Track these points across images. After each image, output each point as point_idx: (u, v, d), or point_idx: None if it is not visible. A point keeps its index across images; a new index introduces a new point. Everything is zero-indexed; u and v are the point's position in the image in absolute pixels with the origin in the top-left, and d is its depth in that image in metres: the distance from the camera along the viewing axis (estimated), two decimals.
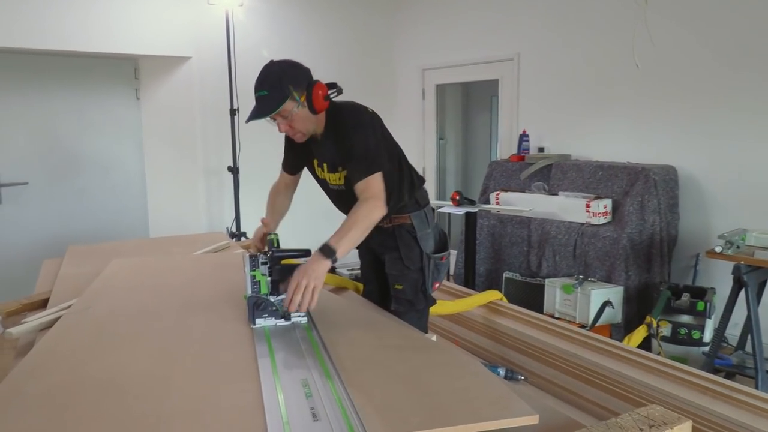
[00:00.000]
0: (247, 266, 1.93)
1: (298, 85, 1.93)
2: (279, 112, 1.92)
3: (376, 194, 1.90)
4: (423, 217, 2.22)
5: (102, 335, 1.79)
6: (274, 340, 1.70)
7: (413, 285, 2.19)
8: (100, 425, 1.22)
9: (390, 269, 2.21)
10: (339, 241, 1.78)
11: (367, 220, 1.84)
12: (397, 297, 2.20)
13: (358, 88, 6.04)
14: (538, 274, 4.41)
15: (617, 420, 1.35)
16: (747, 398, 1.76)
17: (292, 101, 1.92)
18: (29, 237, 4.75)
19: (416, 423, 1.21)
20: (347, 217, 1.86)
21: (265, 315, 1.80)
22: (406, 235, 2.19)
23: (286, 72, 1.96)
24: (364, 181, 1.91)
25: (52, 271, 2.80)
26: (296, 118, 1.96)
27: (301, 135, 2.04)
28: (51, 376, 1.48)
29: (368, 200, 1.88)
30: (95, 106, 4.99)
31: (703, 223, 4.14)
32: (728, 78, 3.93)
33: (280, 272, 1.87)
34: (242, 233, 4.98)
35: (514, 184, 4.91)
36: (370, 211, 1.85)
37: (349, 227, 1.82)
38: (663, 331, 3.55)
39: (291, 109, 1.93)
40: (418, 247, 2.18)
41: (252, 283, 1.89)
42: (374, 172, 1.92)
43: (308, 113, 1.97)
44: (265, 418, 1.22)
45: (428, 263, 2.20)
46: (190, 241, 3.37)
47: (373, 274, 2.40)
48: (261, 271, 1.92)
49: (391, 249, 2.21)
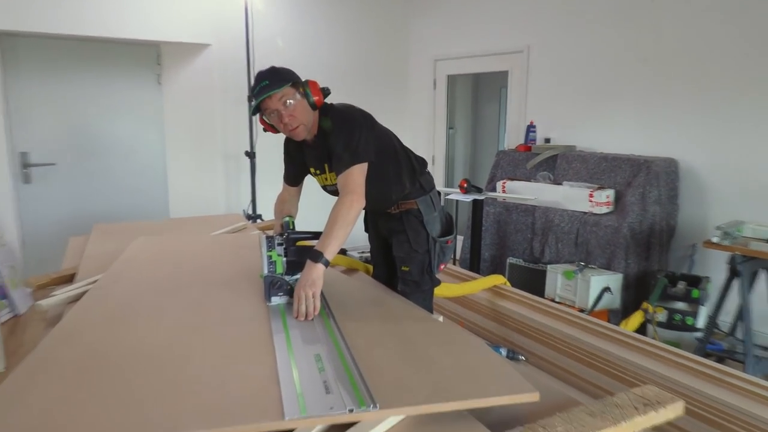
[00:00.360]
0: (263, 247, 1.96)
1: (295, 77, 1.98)
2: (282, 97, 1.93)
3: (353, 188, 1.89)
4: (429, 202, 2.23)
5: (127, 308, 1.83)
6: (289, 317, 1.74)
7: (419, 267, 2.21)
8: (127, 390, 1.25)
9: (397, 252, 2.24)
10: (324, 243, 1.82)
11: (347, 217, 1.84)
12: (403, 278, 2.23)
13: (372, 78, 6.09)
14: (540, 260, 4.42)
15: (613, 398, 1.37)
16: (736, 381, 1.77)
17: (293, 89, 1.95)
18: (57, 215, 4.80)
19: (423, 397, 1.23)
20: (329, 217, 1.86)
21: (280, 293, 1.86)
22: (413, 220, 2.21)
23: (283, 67, 2.00)
24: (345, 173, 1.92)
25: (79, 248, 2.84)
26: (298, 108, 1.96)
27: (302, 128, 2.01)
28: (80, 345, 1.52)
29: (345, 196, 1.88)
30: (119, 90, 5.01)
31: (701, 214, 4.13)
32: (732, 73, 3.89)
33: (295, 253, 1.94)
34: (258, 215, 5.01)
35: (520, 173, 4.90)
36: (349, 208, 1.85)
37: (331, 228, 1.83)
38: (658, 317, 3.57)
39: (293, 95, 1.94)
40: (425, 231, 2.21)
41: (268, 263, 1.92)
42: (355, 164, 1.92)
43: (307, 106, 1.98)
44: (280, 390, 1.25)
45: (434, 246, 2.22)
46: (208, 222, 3.40)
47: (381, 256, 2.43)
48: (277, 252, 1.95)
49: (399, 232, 2.23)
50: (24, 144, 4.61)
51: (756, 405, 1.67)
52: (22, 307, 2.52)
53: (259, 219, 4.90)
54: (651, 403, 1.37)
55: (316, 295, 1.75)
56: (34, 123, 4.66)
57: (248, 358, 1.42)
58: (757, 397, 1.70)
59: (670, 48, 4.14)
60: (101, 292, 2.00)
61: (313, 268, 1.79)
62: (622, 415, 1.30)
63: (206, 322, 1.69)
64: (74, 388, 1.26)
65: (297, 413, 1.15)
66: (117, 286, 2.07)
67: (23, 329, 2.25)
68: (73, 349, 1.48)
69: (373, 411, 1.17)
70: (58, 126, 4.78)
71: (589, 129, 4.80)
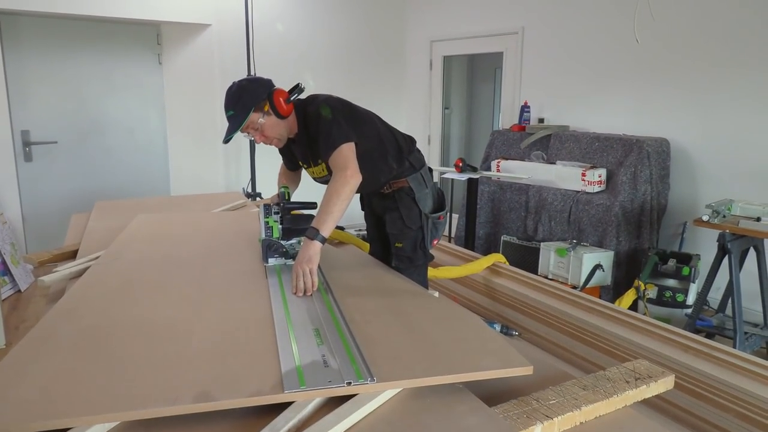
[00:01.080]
0: (261, 214, 2.06)
1: (258, 97, 1.95)
2: (248, 126, 1.96)
3: (343, 164, 1.89)
4: (420, 179, 2.22)
5: (129, 283, 1.82)
6: (284, 275, 1.87)
7: (413, 243, 2.22)
8: (128, 364, 1.24)
9: (391, 229, 2.24)
10: (320, 220, 1.82)
11: (342, 193, 1.83)
12: (397, 254, 2.24)
13: (369, 59, 6.03)
14: (534, 238, 4.42)
15: (605, 372, 1.37)
16: (725, 356, 1.78)
17: (257, 113, 1.95)
18: (58, 192, 4.77)
19: (420, 371, 1.23)
20: (324, 195, 1.86)
21: (276, 255, 2.00)
22: (406, 197, 2.20)
23: (245, 88, 1.97)
24: (333, 155, 1.91)
25: (81, 225, 2.82)
26: (266, 127, 1.98)
27: (277, 141, 2.06)
28: (83, 319, 1.51)
29: (337, 173, 1.88)
30: (120, 69, 4.95)
31: (692, 193, 4.12)
32: (723, 54, 3.85)
33: (290, 220, 2.06)
34: (257, 194, 4.99)
35: (514, 152, 4.88)
36: (343, 184, 1.84)
37: (326, 204, 1.83)
38: (649, 294, 3.57)
39: (257, 120, 1.96)
40: (417, 208, 2.20)
41: (266, 228, 2.03)
42: (339, 145, 1.91)
43: (276, 120, 1.99)
44: (279, 363, 1.24)
45: (427, 222, 2.22)
46: (208, 200, 3.38)
47: (377, 233, 2.43)
48: (273, 218, 2.05)
49: (392, 210, 2.23)
50: (25, 122, 4.56)
51: (744, 379, 1.68)
52: (24, 284, 2.51)
53: (258, 197, 4.87)
54: (642, 377, 1.37)
55: (313, 271, 1.75)
56: (36, 101, 4.61)
57: (248, 333, 1.42)
58: (745, 371, 1.70)
59: (663, 29, 4.09)
60: (103, 268, 1.99)
61: (309, 245, 1.80)
62: (613, 389, 1.30)
63: (206, 298, 1.68)
64: (76, 362, 1.25)
65: (296, 386, 1.14)
66: (119, 262, 2.05)
67: (25, 305, 2.25)
68: (76, 324, 1.47)
69: (370, 384, 1.17)
70: (60, 104, 4.72)
71: (582, 109, 4.77)
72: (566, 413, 1.19)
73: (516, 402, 1.23)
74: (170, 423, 1.09)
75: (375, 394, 1.17)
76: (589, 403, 1.23)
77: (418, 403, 1.18)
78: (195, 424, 1.10)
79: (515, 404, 1.22)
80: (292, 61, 5.47)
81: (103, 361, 1.26)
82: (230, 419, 1.12)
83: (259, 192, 5.02)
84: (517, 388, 1.31)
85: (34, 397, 1.11)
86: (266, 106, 1.96)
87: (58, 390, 1.13)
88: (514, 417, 1.17)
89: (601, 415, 1.25)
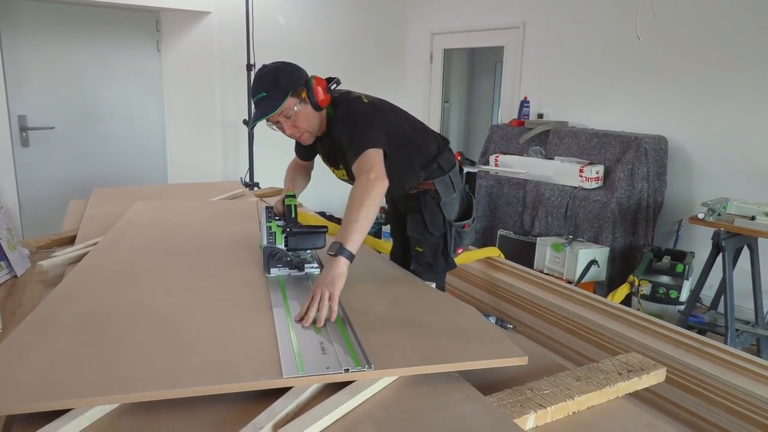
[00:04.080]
0: (263, 217, 1.87)
1: (297, 81, 1.78)
2: (282, 112, 1.77)
3: (368, 167, 1.68)
4: (448, 183, 2.07)
5: (127, 270, 1.83)
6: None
7: (434, 249, 2.09)
8: (127, 349, 1.26)
9: (411, 232, 2.11)
10: (344, 233, 1.58)
11: (366, 198, 1.61)
12: (417, 258, 2.11)
13: (370, 51, 6.02)
14: (530, 232, 4.44)
15: (599, 364, 1.40)
16: (717, 352, 1.80)
17: (294, 98, 1.77)
18: (56, 178, 4.76)
19: (416, 360, 1.25)
20: (347, 203, 1.65)
21: (279, 265, 1.78)
22: (430, 201, 2.06)
23: (282, 70, 1.79)
24: (358, 160, 1.73)
25: (78, 211, 2.82)
26: (300, 117, 1.81)
27: (308, 135, 1.88)
28: (82, 304, 1.52)
29: (360, 176, 1.67)
30: (118, 56, 4.93)
31: (688, 191, 4.15)
32: (723, 54, 3.87)
33: (297, 241, 1.84)
34: (255, 183, 4.99)
35: (512, 147, 4.90)
36: (366, 188, 1.63)
37: (349, 213, 1.61)
38: (643, 290, 3.61)
39: (293, 106, 1.78)
40: (441, 214, 2.06)
41: (268, 233, 1.84)
42: (365, 150, 1.73)
43: (311, 110, 1.82)
44: (278, 350, 1.26)
45: (450, 230, 2.07)
46: (206, 188, 3.39)
47: (397, 233, 2.31)
48: (277, 223, 1.85)
49: (414, 212, 2.09)
50: (22, 107, 4.55)
51: (734, 375, 1.71)
52: (20, 269, 2.52)
53: (256, 187, 4.88)
54: (634, 369, 1.40)
55: (334, 297, 1.46)
56: (33, 87, 4.59)
57: (247, 320, 1.43)
58: (735, 367, 1.73)
59: (664, 27, 4.10)
60: (102, 254, 2.00)
61: (333, 263, 1.52)
62: (606, 380, 1.32)
63: (205, 285, 1.69)
64: (75, 347, 1.27)
65: (295, 372, 1.16)
66: (117, 248, 2.06)
67: (21, 290, 2.26)
68: (74, 309, 1.48)
69: (367, 371, 1.19)
70: (57, 90, 4.70)
71: (581, 105, 4.79)
72: (559, 403, 1.21)
73: (510, 391, 1.26)
74: (170, 406, 1.11)
75: (372, 381, 1.19)
76: (582, 393, 1.26)
77: (414, 391, 1.20)
78: (194, 407, 1.12)
79: (510, 393, 1.24)
80: (292, 51, 5.45)
81: (102, 345, 1.28)
82: (229, 403, 1.13)
83: (257, 182, 5.02)
84: (511, 379, 1.34)
85: (34, 379, 1.12)
86: (303, 92, 1.78)
87: (58, 372, 1.15)
88: (509, 406, 1.19)
89: (594, 406, 1.27)
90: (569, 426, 1.20)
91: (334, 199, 3.20)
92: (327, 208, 5.22)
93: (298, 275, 1.79)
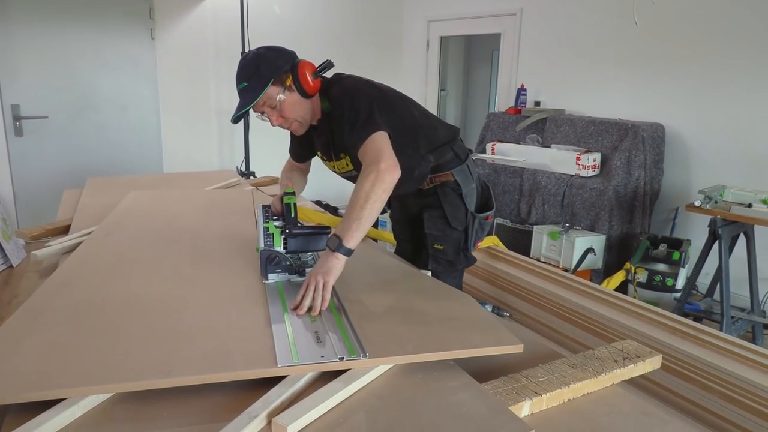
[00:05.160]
0: (260, 218, 1.69)
1: (280, 68, 1.66)
2: (264, 102, 1.66)
3: (375, 157, 1.54)
4: (466, 172, 1.93)
5: (122, 259, 1.82)
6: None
7: (455, 245, 1.95)
8: (122, 338, 1.25)
9: (430, 229, 1.94)
10: (344, 227, 1.48)
11: (373, 193, 1.48)
12: (436, 257, 1.97)
13: (366, 38, 5.98)
14: (527, 221, 4.44)
15: (594, 352, 1.40)
16: (712, 339, 1.81)
17: (277, 86, 1.65)
18: (50, 168, 4.73)
19: (412, 348, 1.25)
20: (351, 195, 1.52)
21: (278, 270, 1.63)
22: (451, 194, 1.91)
23: (264, 57, 1.68)
24: (362, 147, 1.60)
25: (73, 201, 2.81)
26: (286, 106, 1.68)
27: (297, 125, 1.76)
28: (76, 293, 1.52)
29: (367, 167, 1.53)
30: (111, 44, 4.88)
31: (685, 179, 4.15)
32: (720, 41, 3.86)
33: (297, 243, 1.67)
34: (251, 172, 4.98)
35: (509, 135, 4.88)
36: (375, 180, 1.49)
37: (352, 208, 1.49)
38: (639, 278, 3.62)
39: (276, 95, 1.66)
40: (464, 206, 1.92)
41: (265, 235, 1.67)
42: (369, 134, 1.59)
43: (299, 98, 1.69)
44: (273, 339, 1.26)
45: (473, 222, 1.95)
46: (202, 178, 3.37)
47: (408, 234, 2.13)
48: (275, 224, 1.69)
49: (433, 208, 1.94)
50: (15, 96, 4.51)
51: (729, 361, 1.71)
52: (16, 259, 2.50)
53: (252, 176, 4.86)
54: (630, 356, 1.40)
55: (328, 286, 1.43)
56: (26, 75, 4.55)
57: (242, 309, 1.43)
58: (731, 354, 1.73)
59: (661, 15, 4.08)
60: (96, 243, 1.99)
61: (330, 256, 1.47)
62: (602, 367, 1.33)
63: (200, 274, 1.69)
64: (70, 335, 1.26)
65: (289, 361, 1.16)
66: (112, 237, 2.05)
67: (17, 280, 2.24)
68: (69, 298, 1.48)
69: (362, 360, 1.19)
70: (50, 78, 4.66)
71: (578, 93, 4.77)
72: (555, 390, 1.21)
73: (506, 379, 1.26)
74: (164, 395, 1.11)
75: (367, 370, 1.18)
76: (578, 380, 1.26)
77: (409, 379, 1.19)
78: (188, 396, 1.11)
79: (505, 381, 1.24)
80: (287, 38, 5.41)
81: (96, 335, 1.27)
82: (223, 392, 1.13)
83: (253, 171, 5.00)
84: (507, 366, 1.34)
85: (28, 368, 1.12)
86: (288, 79, 1.66)
87: (53, 362, 1.14)
88: (504, 393, 1.19)
89: (589, 393, 1.27)
90: (565, 413, 1.21)
91: (329, 188, 3.19)
92: (322, 197, 5.21)
93: (298, 281, 1.62)
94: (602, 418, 1.19)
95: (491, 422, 1.05)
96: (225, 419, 1.02)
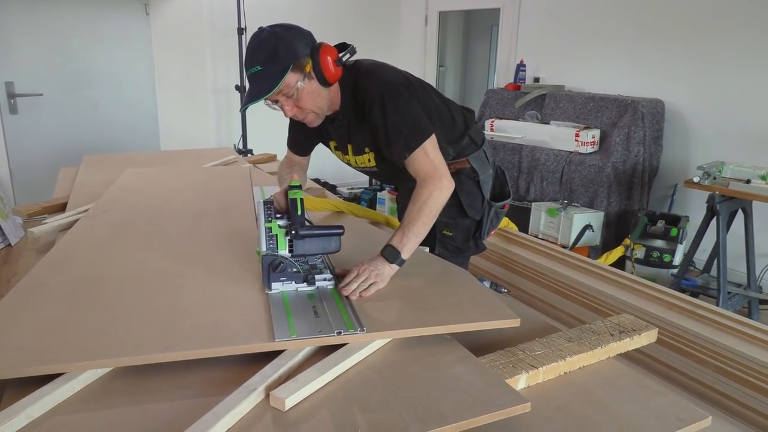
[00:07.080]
0: (261, 217, 1.43)
1: (300, 52, 1.45)
2: (281, 91, 1.46)
3: (432, 169, 1.49)
4: (483, 158, 1.85)
5: (119, 236, 1.82)
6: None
7: (465, 233, 1.89)
8: (119, 313, 1.26)
9: (441, 215, 1.72)
10: (404, 241, 1.44)
11: (435, 209, 1.48)
12: (444, 242, 1.91)
13: (363, 13, 5.90)
14: (525, 198, 4.44)
15: (591, 326, 1.41)
16: (708, 314, 1.82)
17: (296, 73, 1.45)
18: (46, 146, 4.71)
19: (409, 323, 1.25)
20: (409, 208, 1.48)
21: (283, 278, 1.38)
22: (468, 181, 1.83)
23: (282, 38, 1.45)
24: (412, 160, 1.51)
25: (69, 178, 2.80)
26: (304, 95, 1.50)
27: (314, 116, 1.58)
28: (73, 269, 1.52)
29: (429, 182, 1.48)
30: (106, 20, 4.83)
31: (684, 155, 4.14)
32: (719, 17, 3.81)
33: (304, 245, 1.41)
34: (249, 150, 4.95)
35: (508, 112, 4.85)
36: (438, 197, 1.47)
37: (412, 223, 1.45)
38: (637, 254, 3.63)
39: (295, 83, 1.46)
40: (481, 194, 1.85)
41: (267, 237, 1.40)
42: (417, 146, 1.50)
43: (318, 86, 1.51)
44: (270, 313, 1.26)
45: (489, 211, 1.88)
46: (199, 155, 3.36)
47: None
48: (279, 223, 1.42)
49: None
50: (10, 74, 4.47)
51: (725, 336, 1.72)
52: (14, 238, 2.50)
53: (250, 153, 4.84)
54: (626, 330, 1.41)
55: (373, 288, 1.38)
56: (20, 52, 4.50)
57: (239, 285, 1.43)
58: (726, 328, 1.75)
59: None
60: (93, 220, 1.99)
61: (385, 265, 1.43)
62: (598, 341, 1.33)
63: (197, 250, 1.69)
64: (68, 311, 1.27)
65: (287, 335, 1.16)
66: (109, 214, 2.05)
67: (16, 259, 2.24)
68: (66, 274, 1.48)
69: (360, 334, 1.19)
70: (45, 55, 4.61)
71: (578, 69, 4.73)
72: (551, 363, 1.22)
73: (503, 352, 1.26)
74: (162, 370, 1.11)
75: (364, 344, 1.19)
76: (574, 354, 1.27)
77: (406, 353, 1.20)
78: (186, 371, 1.12)
79: (502, 354, 1.25)
80: (283, 12, 5.34)
81: (94, 310, 1.28)
82: (221, 367, 1.14)
83: (250, 149, 4.98)
84: (504, 340, 1.34)
85: (26, 343, 1.13)
86: (308, 65, 1.47)
87: (51, 337, 1.15)
88: (501, 366, 1.20)
89: (585, 366, 1.28)
90: (561, 386, 1.22)
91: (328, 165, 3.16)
92: (321, 174, 5.19)
93: (307, 291, 1.40)
94: (598, 390, 1.20)
95: (488, 394, 1.06)
96: (223, 393, 1.03)
